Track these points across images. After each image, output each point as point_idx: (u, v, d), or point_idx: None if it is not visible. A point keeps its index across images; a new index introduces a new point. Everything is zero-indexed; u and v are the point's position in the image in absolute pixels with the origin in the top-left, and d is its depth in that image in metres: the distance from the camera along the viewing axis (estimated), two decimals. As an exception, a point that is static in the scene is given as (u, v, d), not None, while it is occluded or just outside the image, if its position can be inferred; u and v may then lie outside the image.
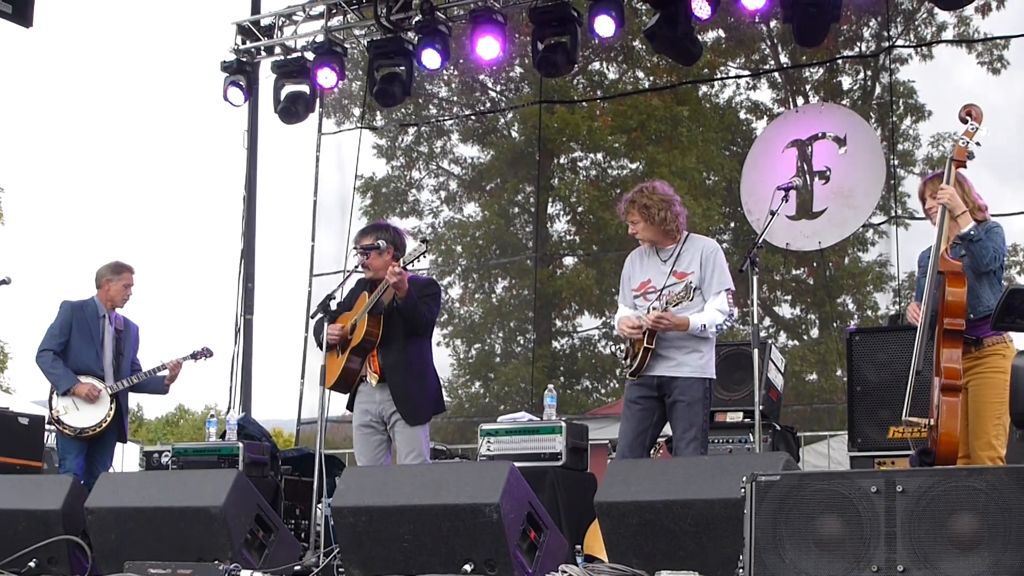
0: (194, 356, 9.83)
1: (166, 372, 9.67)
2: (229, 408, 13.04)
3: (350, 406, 8.11)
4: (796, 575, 4.64)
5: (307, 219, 15.97)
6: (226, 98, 12.76)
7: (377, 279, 7.89)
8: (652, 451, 7.69)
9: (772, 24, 19.59)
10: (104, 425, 9.29)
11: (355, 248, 8.15)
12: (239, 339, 13.75)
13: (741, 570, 4.78)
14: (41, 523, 6.83)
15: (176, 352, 9.89)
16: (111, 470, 10.26)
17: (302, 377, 14.64)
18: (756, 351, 7.16)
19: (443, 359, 23.30)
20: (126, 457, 13.71)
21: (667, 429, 7.36)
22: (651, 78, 22.16)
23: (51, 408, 9.35)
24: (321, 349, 8.02)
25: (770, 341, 7.99)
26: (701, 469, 5.75)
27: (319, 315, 8.03)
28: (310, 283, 15.28)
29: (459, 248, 22.87)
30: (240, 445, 9.79)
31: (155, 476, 8.35)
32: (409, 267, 7.77)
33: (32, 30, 13.07)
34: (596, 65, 23.09)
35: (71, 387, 9.25)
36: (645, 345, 7.14)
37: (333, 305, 7.94)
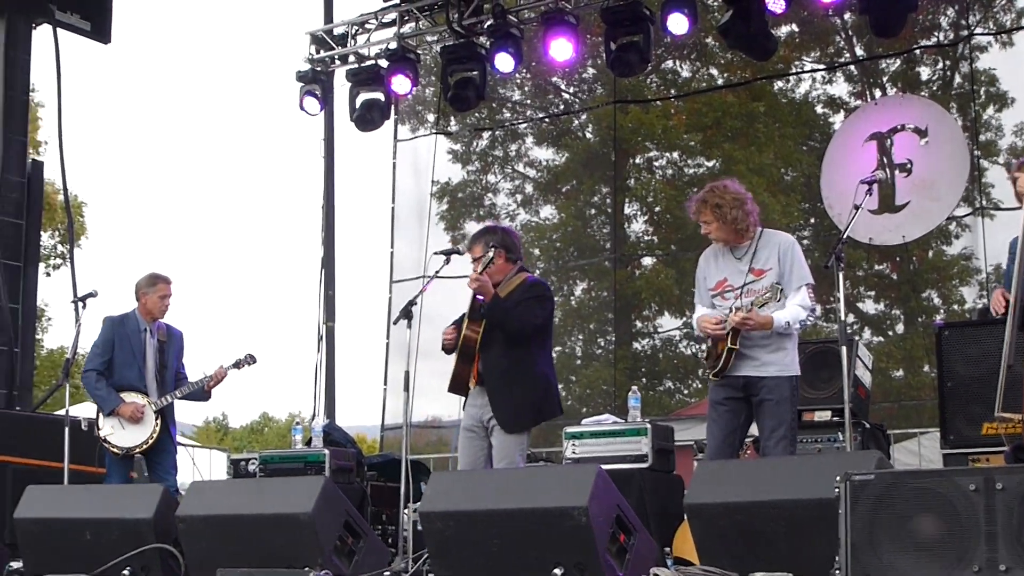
0: (237, 365, 9.82)
1: (211, 381, 9.69)
2: (314, 415, 13.18)
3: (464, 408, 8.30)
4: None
5: (385, 226, 16.17)
6: (302, 108, 12.77)
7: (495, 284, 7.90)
8: (740, 452, 7.60)
9: (846, 16, 18.97)
10: (151, 442, 9.30)
11: (473, 262, 7.89)
12: (321, 347, 13.90)
13: (838, 571, 4.71)
14: (133, 532, 6.84)
15: (225, 359, 9.84)
16: (198, 478, 10.50)
17: (384, 383, 14.65)
18: (844, 348, 7.03)
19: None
20: (213, 465, 13.84)
21: (753, 429, 7.22)
22: (725, 75, 21.88)
23: (98, 428, 9.36)
24: (415, 352, 8.05)
25: (856, 338, 7.86)
26: (792, 469, 5.69)
27: (401, 320, 7.99)
28: (390, 289, 15.29)
29: (536, 251, 22.72)
30: (326, 452, 9.81)
31: (244, 484, 8.35)
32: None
33: (110, 46, 13.41)
34: (669, 63, 22.88)
35: (115, 408, 9.28)
36: (729, 345, 7.02)
37: (414, 311, 7.93)
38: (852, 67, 20.86)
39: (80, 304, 9.59)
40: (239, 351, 9.84)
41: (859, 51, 21.02)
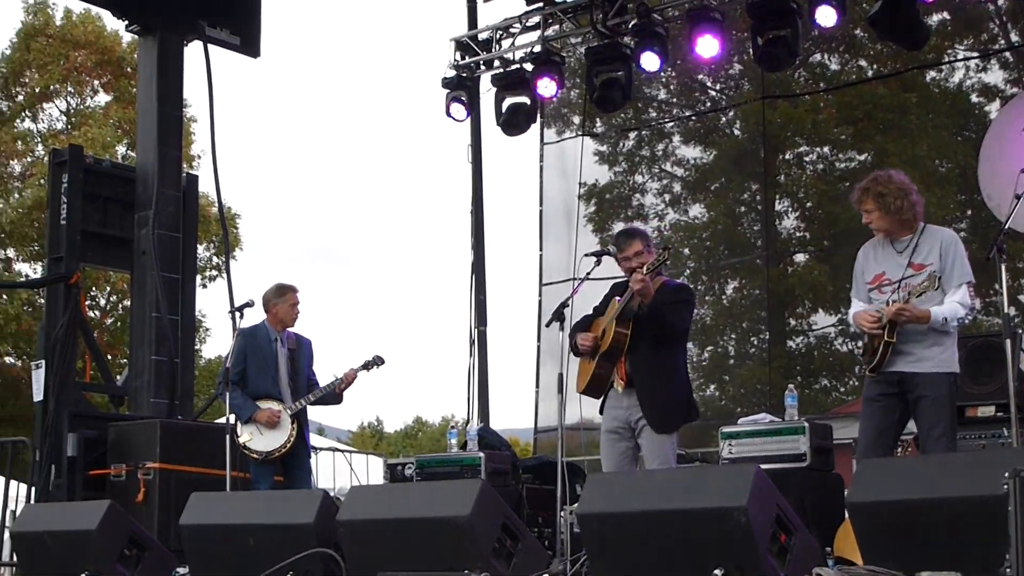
0: (366, 366, 9.86)
1: (341, 383, 9.79)
2: (468, 419, 13.30)
3: (601, 411, 8.01)
4: (1068, 573, 4.56)
5: (533, 229, 16.21)
6: (449, 114, 12.86)
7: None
8: (900, 450, 7.50)
9: (1000, 2, 18.74)
10: (289, 445, 9.51)
11: (622, 261, 7.93)
12: (474, 350, 13.85)
13: (1008, 570, 4.60)
14: (295, 537, 6.94)
15: (353, 362, 10.02)
16: (356, 483, 10.59)
17: (537, 386, 14.79)
18: (1008, 341, 6.82)
19: (678, 363, 23.11)
20: (371, 470, 13.95)
21: (911, 427, 7.09)
22: (875, 66, 21.33)
23: (238, 436, 9.55)
24: (576, 356, 8.01)
25: (1020, 331, 7.67)
26: (956, 466, 5.53)
27: (553, 323, 8.00)
28: (540, 292, 15.36)
29: (687, 251, 22.36)
30: (481, 455, 9.90)
31: (401, 488, 8.51)
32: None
33: (259, 60, 13.68)
34: (817, 56, 22.44)
35: (252, 415, 9.51)
36: (885, 339, 6.90)
37: (566, 313, 7.97)
38: (1007, 54, 20.12)
39: (237, 314, 9.73)
40: (390, 355, 9.99)
41: (1014, 37, 20.34)
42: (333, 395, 9.79)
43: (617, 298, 7.91)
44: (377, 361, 9.87)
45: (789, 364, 21.66)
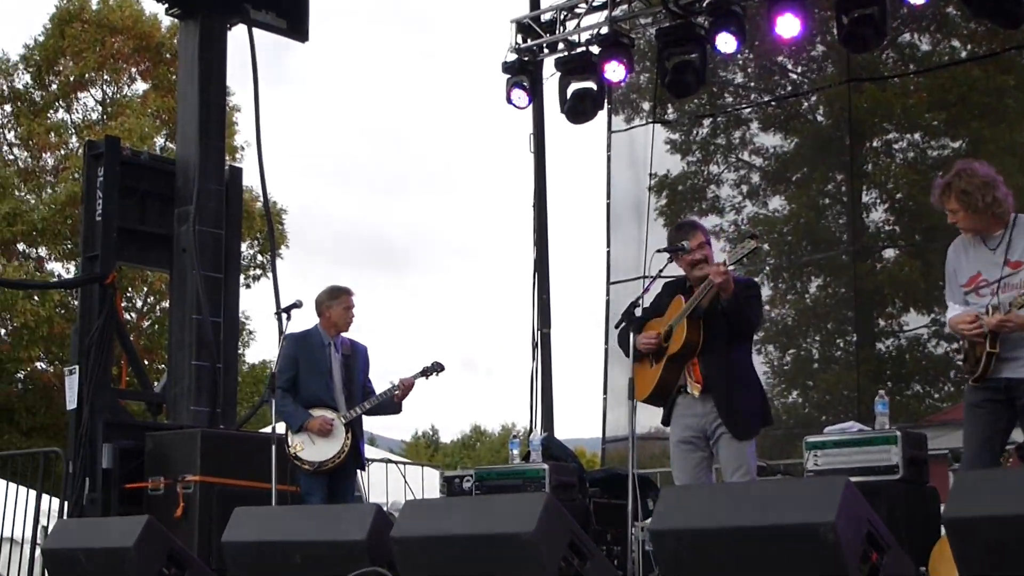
0: (425, 373, 9.90)
1: (398, 391, 9.83)
2: (530, 428, 13.24)
3: (666, 420, 7.96)
4: None
5: (600, 223, 16.12)
6: (509, 101, 12.91)
7: (693, 280, 7.76)
8: (1001, 459, 7.35)
9: (1106, -25, 19.15)
10: (343, 456, 9.54)
11: (685, 256, 7.85)
12: (537, 354, 13.77)
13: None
14: (346, 554, 6.92)
15: (410, 369, 10.00)
16: (410, 497, 10.60)
17: (605, 392, 14.66)
18: (1124, 342, 7.05)
19: (756, 367, 21.97)
20: (426, 483, 13.87)
21: (1016, 434, 7.05)
22: (969, 46, 20.89)
23: (288, 446, 9.61)
24: (629, 359, 7.86)
25: None
26: (1067, 477, 5.68)
27: (623, 324, 7.92)
28: (607, 291, 15.32)
29: (766, 246, 21.90)
30: (546, 467, 9.92)
31: (460, 502, 8.42)
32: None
33: (308, 44, 13.72)
34: (906, 36, 21.97)
35: (303, 423, 9.55)
36: (988, 350, 6.75)
37: (638, 312, 7.90)
38: (1113, 31, 20.79)
39: (284, 316, 9.82)
40: (448, 360, 10.00)
41: (1120, 13, 20.44)
42: (391, 404, 9.81)
43: (681, 296, 7.79)
44: (436, 368, 9.87)
45: (878, 368, 21.35)
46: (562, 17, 13.11)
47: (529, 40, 13.10)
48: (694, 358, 7.64)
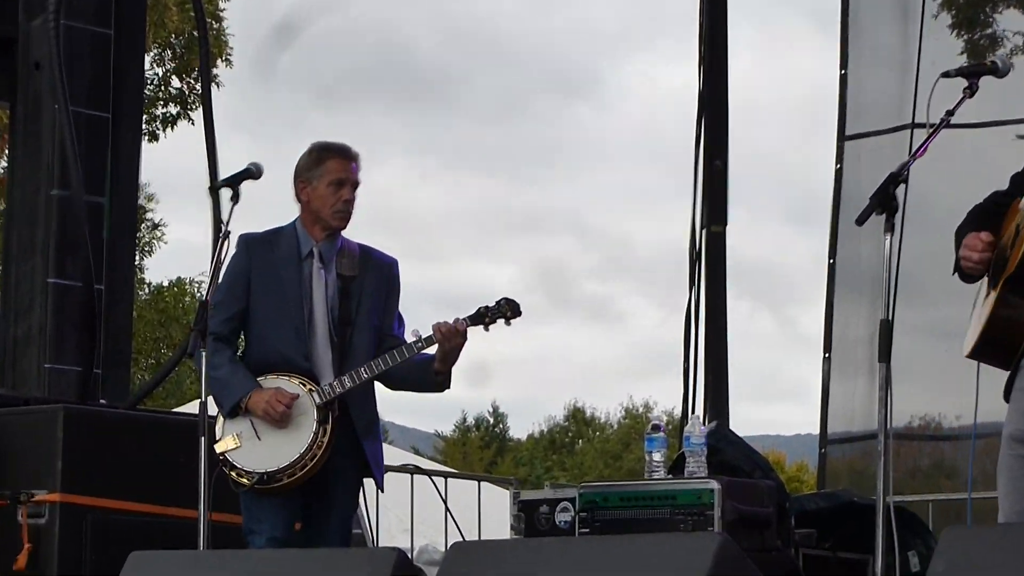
0: (481, 317, 8.90)
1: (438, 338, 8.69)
2: (684, 412, 13.01)
3: (1007, 395, 7.53)
4: None
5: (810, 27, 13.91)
6: None
7: None
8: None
9: None
10: (313, 462, 8.99)
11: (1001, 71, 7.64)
12: (699, 272, 13.43)
13: None
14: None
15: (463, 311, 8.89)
16: (454, 535, 10.63)
17: (826, 349, 14.03)
18: None
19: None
20: (486, 508, 13.44)
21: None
22: None
23: (216, 440, 9.16)
24: (965, 279, 7.60)
25: None
26: None
27: (870, 218, 7.51)
28: (839, 152, 14.50)
29: None
30: (715, 484, 9.40)
31: (551, 550, 7.50)
32: None
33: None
34: None
35: (241, 399, 9.07)
36: None
37: (899, 197, 7.56)
38: None
39: (226, 196, 8.93)
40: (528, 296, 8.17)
41: None
42: (422, 370, 8.81)
43: None
44: (503, 309, 8.82)
45: None
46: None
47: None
48: None
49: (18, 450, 10.27)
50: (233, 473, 8.82)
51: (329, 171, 9.08)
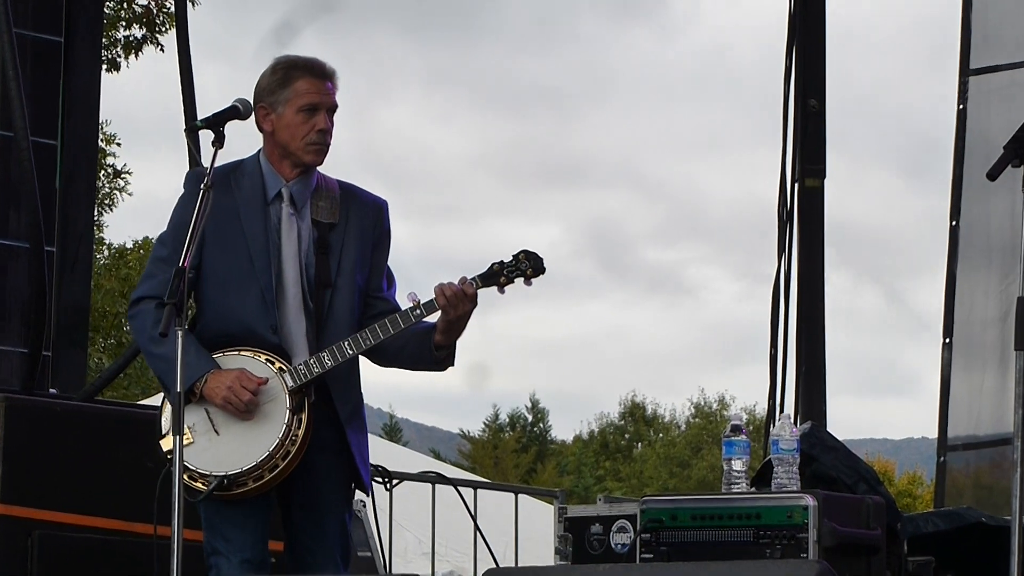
0: (494, 276, 8.80)
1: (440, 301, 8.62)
2: (771, 410, 13.77)
3: None
4: None
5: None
6: None
7: None
8: None
9: None
10: (285, 463, 9.44)
11: None
12: (790, 234, 13.95)
13: None
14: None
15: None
16: (486, 560, 11.01)
17: (946, 335, 14.00)
18: None
19: None
20: (524, 525, 13.07)
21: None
22: None
23: (161, 435, 9.53)
24: None
25: None
26: None
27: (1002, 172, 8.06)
28: (962, 93, 14.73)
29: None
30: (809, 500, 9.77)
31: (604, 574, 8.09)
32: None
33: None
34: None
35: (196, 382, 9.48)
36: None
37: None
38: None
39: (209, 139, 8.88)
40: (551, 254, 9.18)
41: None
42: (419, 340, 8.69)
43: None
44: (522, 265, 8.62)
45: None
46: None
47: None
48: None
49: (-55, 448, 8.29)
50: (185, 476, 8.63)
51: (298, 93, 9.02)
